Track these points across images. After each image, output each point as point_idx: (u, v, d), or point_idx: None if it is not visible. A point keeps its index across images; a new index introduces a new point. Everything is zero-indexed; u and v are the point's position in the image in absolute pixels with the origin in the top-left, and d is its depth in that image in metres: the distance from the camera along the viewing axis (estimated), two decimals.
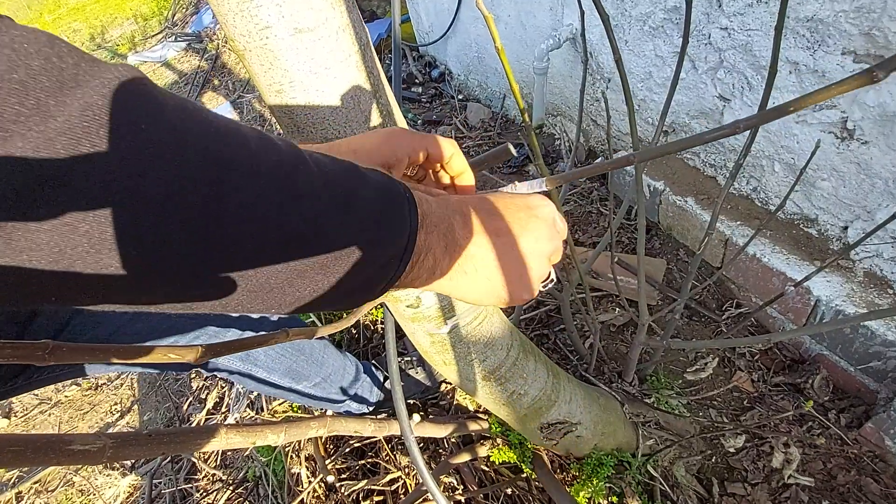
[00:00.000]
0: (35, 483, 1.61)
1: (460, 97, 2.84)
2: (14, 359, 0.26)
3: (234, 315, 0.83)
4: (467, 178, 0.46)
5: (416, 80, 3.08)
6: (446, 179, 0.47)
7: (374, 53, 0.49)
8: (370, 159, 0.38)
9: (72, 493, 1.58)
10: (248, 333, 0.85)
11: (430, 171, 0.46)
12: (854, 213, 1.19)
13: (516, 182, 0.49)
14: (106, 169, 0.19)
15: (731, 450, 1.05)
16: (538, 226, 0.39)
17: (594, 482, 0.97)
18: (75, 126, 0.19)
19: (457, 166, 0.45)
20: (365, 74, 0.47)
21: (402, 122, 0.54)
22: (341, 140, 0.41)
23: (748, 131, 0.81)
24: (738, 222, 1.41)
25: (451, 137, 0.62)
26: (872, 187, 1.12)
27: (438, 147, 0.43)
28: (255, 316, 0.87)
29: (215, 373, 0.88)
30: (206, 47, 4.42)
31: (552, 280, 0.43)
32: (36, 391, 1.93)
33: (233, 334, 0.85)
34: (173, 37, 4.80)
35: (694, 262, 0.92)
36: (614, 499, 0.99)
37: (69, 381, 1.94)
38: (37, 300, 0.21)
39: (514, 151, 0.52)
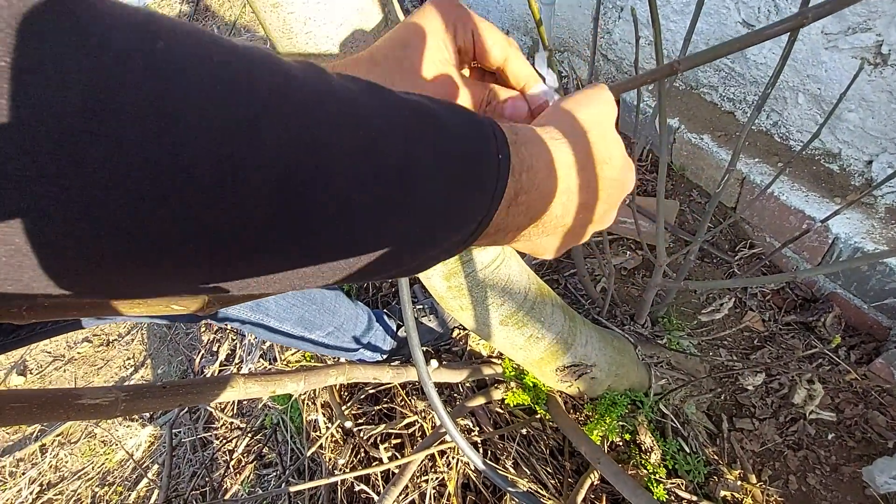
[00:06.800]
0: (58, 436, 1.66)
1: None
2: None
3: None
4: (534, 83, 0.32)
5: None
6: (503, 95, 0.33)
7: None
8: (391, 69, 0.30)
9: (94, 444, 1.63)
10: None
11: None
12: (881, 145, 1.13)
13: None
14: None
15: (750, 388, 1.06)
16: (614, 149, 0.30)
17: (607, 421, 0.98)
18: None
19: (517, 69, 0.32)
20: None
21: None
22: (359, 54, 0.31)
23: (774, 68, 0.74)
24: (756, 159, 1.35)
25: None
26: None
27: (482, 32, 0.29)
28: None
29: (226, 322, 0.86)
30: None
31: None
32: (49, 348, 1.95)
33: None
34: None
35: (712, 202, 0.88)
36: (627, 436, 1.00)
37: (80, 338, 1.95)
38: None
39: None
